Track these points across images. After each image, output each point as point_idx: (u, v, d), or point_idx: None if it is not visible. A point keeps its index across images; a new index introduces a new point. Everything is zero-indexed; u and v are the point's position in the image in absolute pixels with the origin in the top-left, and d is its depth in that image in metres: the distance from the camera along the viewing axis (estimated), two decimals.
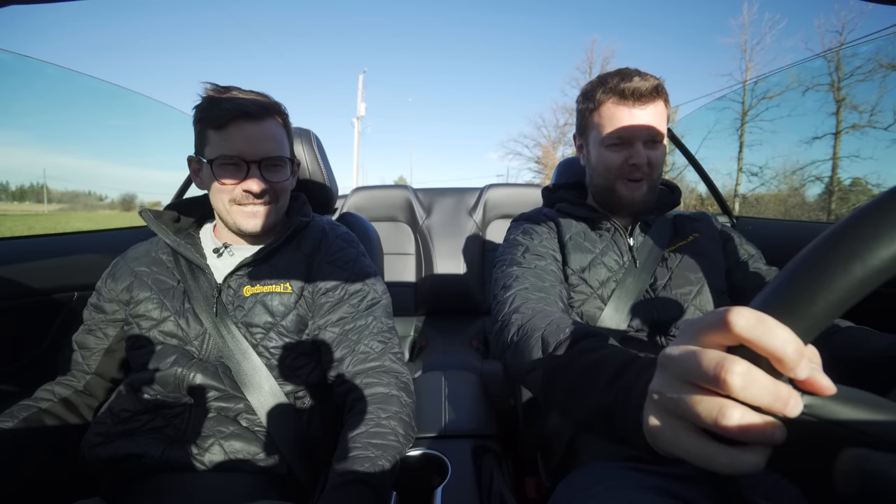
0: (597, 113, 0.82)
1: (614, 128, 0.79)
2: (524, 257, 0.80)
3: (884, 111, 7.38)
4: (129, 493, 0.66)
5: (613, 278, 0.81)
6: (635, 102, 0.77)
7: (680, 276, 0.80)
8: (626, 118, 0.78)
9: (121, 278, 0.79)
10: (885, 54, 7.12)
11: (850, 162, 8.20)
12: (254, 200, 0.75)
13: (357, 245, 0.87)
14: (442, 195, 2.22)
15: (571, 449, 0.72)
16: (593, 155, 0.85)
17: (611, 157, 0.81)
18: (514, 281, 0.75)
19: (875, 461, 0.24)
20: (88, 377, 0.78)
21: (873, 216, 0.25)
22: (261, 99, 0.76)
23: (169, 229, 0.79)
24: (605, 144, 0.81)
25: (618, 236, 0.85)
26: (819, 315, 0.25)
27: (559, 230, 0.87)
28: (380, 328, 0.78)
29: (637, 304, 0.78)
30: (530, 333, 0.60)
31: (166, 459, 0.66)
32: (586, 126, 0.86)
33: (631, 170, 0.80)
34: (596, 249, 0.83)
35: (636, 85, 0.77)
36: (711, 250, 0.85)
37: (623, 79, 0.78)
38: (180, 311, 0.75)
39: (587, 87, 0.85)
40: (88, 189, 12.11)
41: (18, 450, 0.68)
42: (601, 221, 0.86)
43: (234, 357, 0.71)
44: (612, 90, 0.79)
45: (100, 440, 0.69)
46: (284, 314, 0.75)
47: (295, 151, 0.89)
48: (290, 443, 0.70)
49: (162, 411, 0.70)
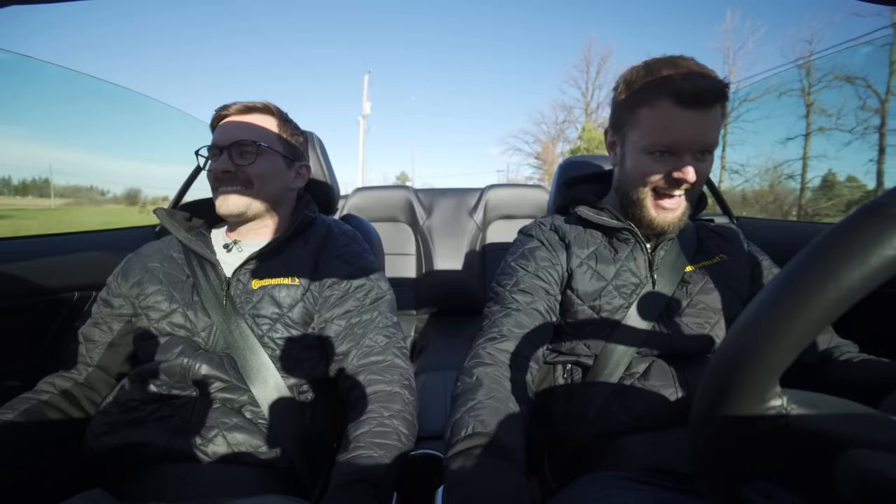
0: (642, 111, 0.68)
1: (663, 134, 0.67)
2: (511, 293, 0.75)
3: (847, 114, 7.74)
4: (131, 482, 0.67)
5: (626, 304, 0.74)
6: (694, 106, 0.64)
7: (699, 304, 0.74)
8: (679, 125, 0.65)
9: (132, 274, 0.82)
10: (841, 69, 7.47)
11: (818, 161, 8.63)
12: (225, 185, 0.79)
13: (361, 242, 0.89)
14: (442, 196, 2.22)
15: (579, 452, 0.71)
16: (630, 159, 0.73)
17: (651, 166, 0.69)
18: (492, 325, 0.73)
19: (874, 461, 0.24)
20: (90, 370, 0.79)
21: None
22: (253, 102, 0.83)
23: (181, 227, 0.82)
24: (647, 151, 0.69)
25: (637, 250, 0.77)
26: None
27: (569, 255, 0.78)
28: (385, 323, 0.79)
29: (649, 331, 0.72)
30: (467, 399, 0.63)
31: (171, 449, 0.67)
32: (625, 123, 0.73)
33: (671, 184, 0.69)
34: (609, 275, 0.75)
35: (699, 87, 0.64)
36: (736, 277, 0.77)
37: (681, 75, 0.65)
38: (189, 303, 0.77)
39: (632, 75, 0.71)
40: (90, 184, 12.14)
41: (19, 441, 0.69)
42: (621, 231, 0.77)
43: (240, 349, 0.73)
44: (666, 89, 0.65)
45: (106, 429, 0.70)
46: (291, 306, 0.77)
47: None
48: (293, 437, 0.71)
49: (168, 401, 0.72)
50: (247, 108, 0.82)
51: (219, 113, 0.83)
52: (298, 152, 0.88)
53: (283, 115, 0.87)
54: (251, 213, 0.81)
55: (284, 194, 0.86)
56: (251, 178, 0.79)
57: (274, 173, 0.82)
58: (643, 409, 0.68)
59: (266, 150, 0.80)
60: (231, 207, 0.79)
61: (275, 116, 0.84)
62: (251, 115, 0.82)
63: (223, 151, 0.78)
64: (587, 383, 0.73)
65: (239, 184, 0.79)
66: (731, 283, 0.77)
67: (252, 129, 0.81)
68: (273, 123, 0.84)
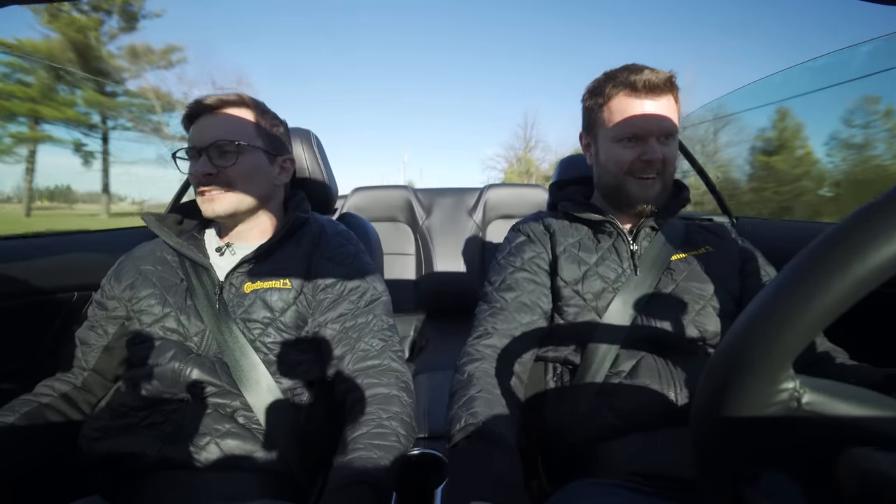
0: (606, 108, 0.77)
1: (627, 122, 0.75)
2: (498, 291, 0.79)
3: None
4: (127, 490, 0.67)
5: (609, 289, 0.76)
6: (648, 94, 0.74)
7: (684, 292, 0.76)
8: (639, 111, 0.74)
9: (125, 276, 0.80)
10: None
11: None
12: (205, 187, 0.76)
13: (356, 242, 0.87)
14: (442, 195, 2.22)
15: (571, 456, 0.71)
16: (602, 151, 0.80)
17: (622, 152, 0.76)
18: (479, 323, 0.78)
19: (875, 461, 0.24)
20: (86, 373, 0.78)
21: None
22: (226, 94, 0.79)
23: (172, 231, 0.80)
24: (616, 139, 0.77)
25: (619, 242, 0.80)
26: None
27: (553, 242, 0.83)
28: (380, 326, 0.78)
29: (635, 316, 0.74)
30: (461, 395, 0.67)
31: (164, 457, 0.66)
32: (594, 123, 0.81)
33: (644, 166, 0.76)
34: (591, 260, 0.79)
35: (648, 77, 0.73)
36: (723, 269, 0.79)
37: (633, 72, 0.75)
38: (182, 307, 0.76)
39: (593, 84, 0.81)
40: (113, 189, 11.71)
41: (20, 443, 0.68)
42: (604, 224, 0.81)
43: (232, 353, 0.72)
44: (622, 83, 0.75)
45: (98, 435, 0.69)
46: (283, 310, 0.76)
47: (293, 151, 0.90)
48: (288, 440, 0.70)
49: (160, 407, 0.71)
50: (221, 101, 0.78)
51: (191, 110, 0.78)
52: (280, 144, 0.85)
53: (260, 105, 0.83)
54: (238, 215, 0.79)
55: (270, 191, 0.83)
56: (234, 179, 0.76)
57: (257, 171, 0.79)
58: (631, 409, 0.68)
59: (246, 149, 0.77)
60: (217, 210, 0.77)
61: (251, 108, 0.80)
62: (227, 110, 0.78)
63: (202, 153, 0.75)
64: (575, 384, 0.74)
65: (222, 186, 0.76)
66: (718, 273, 0.78)
67: (229, 126, 0.77)
68: (251, 116, 0.80)
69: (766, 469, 0.30)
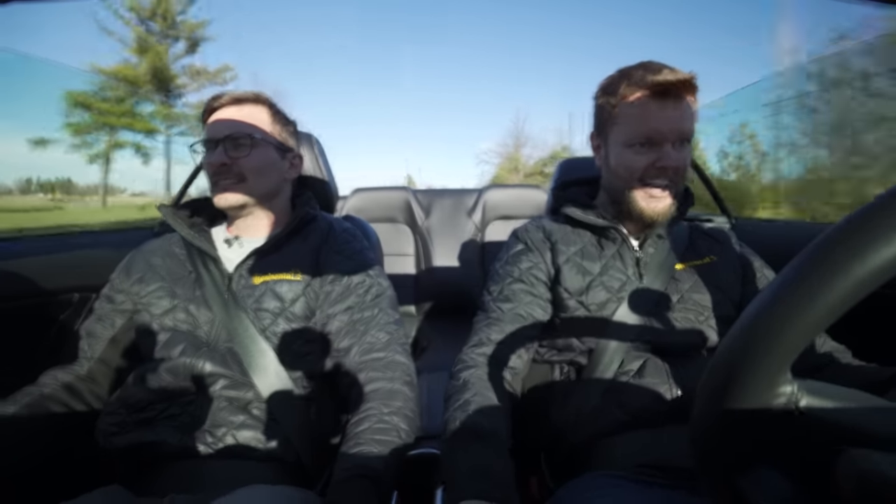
0: (620, 109, 0.73)
1: (641, 126, 0.71)
2: (496, 301, 0.79)
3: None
4: (147, 479, 0.68)
5: (614, 298, 0.75)
6: (666, 97, 0.69)
7: (689, 301, 0.75)
8: (655, 115, 0.70)
9: (134, 270, 0.82)
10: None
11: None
12: (219, 178, 0.79)
13: (361, 240, 0.90)
14: (441, 196, 2.23)
15: (576, 452, 0.72)
16: (613, 155, 0.76)
17: (634, 158, 0.72)
18: (475, 332, 0.79)
19: (874, 461, 0.25)
20: (91, 363, 0.80)
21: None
22: (243, 92, 0.83)
23: (184, 224, 0.83)
24: (629, 144, 0.73)
25: (624, 248, 0.78)
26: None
27: (554, 252, 0.80)
28: (386, 320, 0.80)
29: (641, 326, 0.73)
30: (455, 400, 0.68)
31: (184, 447, 0.68)
32: (606, 123, 0.77)
33: (657, 173, 0.72)
34: (594, 270, 0.77)
35: (667, 77, 0.68)
36: (726, 279, 0.79)
37: (650, 71, 0.70)
38: (191, 298, 0.77)
39: (607, 81, 0.77)
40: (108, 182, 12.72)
41: (23, 433, 0.69)
42: (608, 231, 0.79)
43: (242, 341, 0.74)
44: (638, 83, 0.70)
45: (115, 429, 0.70)
46: (293, 300, 0.78)
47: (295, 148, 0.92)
48: (298, 431, 0.72)
49: (176, 399, 0.72)
50: (237, 99, 0.82)
51: (209, 105, 0.83)
52: (290, 142, 0.89)
53: (274, 105, 0.87)
54: (249, 206, 0.82)
55: (280, 185, 0.87)
56: (247, 171, 0.80)
57: (269, 165, 0.83)
58: (639, 406, 0.69)
59: (259, 142, 0.81)
60: (230, 200, 0.80)
61: (266, 107, 0.85)
62: (243, 107, 0.82)
63: (218, 145, 0.79)
64: (582, 381, 0.74)
65: (235, 177, 0.80)
66: (721, 283, 0.78)
67: (244, 120, 0.81)
68: (265, 114, 0.84)
69: (760, 464, 0.31)
